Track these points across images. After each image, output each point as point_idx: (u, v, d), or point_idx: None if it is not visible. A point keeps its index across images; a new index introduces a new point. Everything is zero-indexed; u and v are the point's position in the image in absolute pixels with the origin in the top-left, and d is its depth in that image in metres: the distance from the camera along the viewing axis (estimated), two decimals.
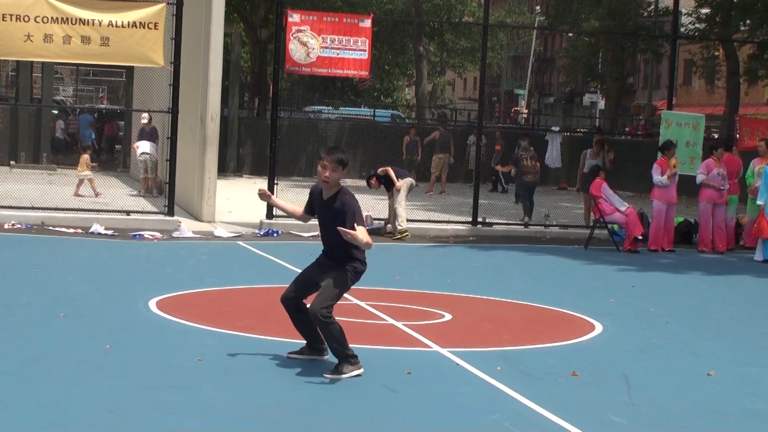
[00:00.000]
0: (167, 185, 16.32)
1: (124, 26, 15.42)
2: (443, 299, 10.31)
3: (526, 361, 7.60)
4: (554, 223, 18.30)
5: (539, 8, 58.70)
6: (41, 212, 15.58)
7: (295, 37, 16.33)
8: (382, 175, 16.30)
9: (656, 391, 6.89)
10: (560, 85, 67.14)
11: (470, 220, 17.62)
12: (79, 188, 19.54)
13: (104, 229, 14.77)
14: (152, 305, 9.16)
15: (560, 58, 61.38)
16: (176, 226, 15.22)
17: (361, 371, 6.79)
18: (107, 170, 26.17)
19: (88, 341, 7.58)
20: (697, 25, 35.08)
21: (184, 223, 15.38)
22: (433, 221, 17.94)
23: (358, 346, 7.08)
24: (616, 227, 16.22)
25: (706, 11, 34.41)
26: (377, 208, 17.14)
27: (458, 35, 47.06)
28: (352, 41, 16.57)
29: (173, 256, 13.05)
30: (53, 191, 18.07)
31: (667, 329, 9.25)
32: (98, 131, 33.24)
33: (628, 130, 42.98)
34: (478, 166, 18.53)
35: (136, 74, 25.61)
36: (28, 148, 27.17)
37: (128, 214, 16.14)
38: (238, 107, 32.19)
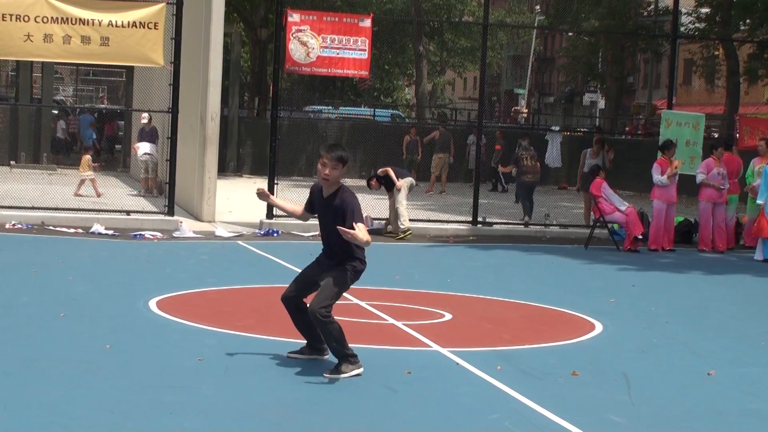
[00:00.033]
0: (167, 185, 16.32)
1: (124, 26, 15.42)
2: (443, 299, 10.31)
3: (526, 360, 7.60)
4: (554, 222, 18.29)
5: (539, 8, 58.68)
6: (41, 212, 15.58)
7: (295, 36, 16.34)
8: (382, 175, 16.30)
9: (656, 390, 6.89)
10: (560, 84, 67.19)
11: (470, 219, 17.62)
12: (80, 188, 19.54)
13: (105, 229, 14.78)
14: (152, 305, 9.16)
15: (560, 57, 61.35)
16: (176, 225, 15.22)
17: (360, 371, 6.79)
18: (107, 170, 26.17)
19: (88, 341, 7.59)
20: (697, 24, 35.10)
21: (185, 222, 15.38)
22: (433, 221, 17.93)
23: (358, 345, 7.08)
24: (616, 227, 16.22)
25: (706, 11, 34.42)
26: (377, 207, 17.13)
27: (458, 35, 47.04)
28: (351, 41, 16.57)
29: (173, 255, 13.05)
30: (53, 191, 18.07)
31: (667, 329, 9.25)
32: (98, 131, 33.23)
33: (628, 129, 42.96)
34: (478, 165, 18.53)
35: (136, 74, 25.62)
36: (28, 148, 27.18)
37: (128, 214, 16.14)
38: (238, 107, 32.19)
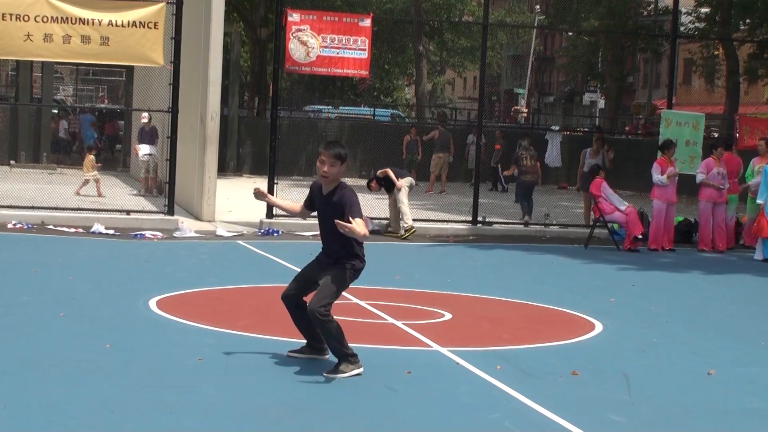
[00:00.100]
0: (167, 185, 16.32)
1: (123, 26, 15.42)
2: (443, 298, 10.31)
3: (526, 360, 7.60)
4: (554, 222, 18.29)
5: (539, 7, 58.65)
6: (41, 212, 15.58)
7: (294, 36, 16.34)
8: (381, 176, 16.30)
9: (656, 390, 6.89)
10: (560, 84, 67.20)
11: (470, 219, 17.62)
12: (81, 187, 19.51)
13: (105, 228, 14.78)
14: (152, 304, 9.16)
15: (560, 57, 61.36)
16: (176, 225, 15.21)
17: (360, 370, 6.79)
18: (107, 170, 26.15)
19: (88, 340, 7.59)
20: (696, 24, 35.11)
21: (185, 222, 15.38)
22: (433, 220, 17.93)
23: (358, 345, 7.08)
24: (616, 226, 16.22)
25: (705, 10, 34.42)
26: (377, 207, 17.13)
27: (458, 34, 47.06)
28: (351, 40, 16.57)
29: (173, 255, 13.05)
30: (53, 191, 18.06)
31: (667, 328, 9.25)
32: (99, 131, 33.23)
33: (627, 129, 42.99)
34: (477, 165, 18.53)
35: (136, 74, 25.60)
36: (28, 147, 27.18)
37: (128, 213, 16.14)
38: (237, 107, 32.19)
